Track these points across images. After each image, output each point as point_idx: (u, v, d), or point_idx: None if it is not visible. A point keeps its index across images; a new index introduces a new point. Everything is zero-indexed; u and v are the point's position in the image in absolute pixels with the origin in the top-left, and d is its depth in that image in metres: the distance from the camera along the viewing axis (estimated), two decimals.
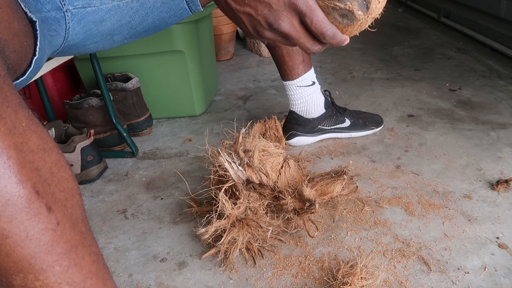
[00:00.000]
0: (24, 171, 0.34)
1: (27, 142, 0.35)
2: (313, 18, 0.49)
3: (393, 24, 2.57)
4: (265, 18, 0.49)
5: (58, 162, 0.38)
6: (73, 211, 0.38)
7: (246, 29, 0.52)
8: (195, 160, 1.21)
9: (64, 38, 0.57)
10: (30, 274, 0.35)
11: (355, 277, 0.70)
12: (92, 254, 0.40)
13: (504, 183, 0.94)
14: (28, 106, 0.37)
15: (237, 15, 0.50)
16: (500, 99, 1.40)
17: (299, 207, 0.86)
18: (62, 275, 0.37)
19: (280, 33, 0.50)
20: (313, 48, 0.53)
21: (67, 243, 0.37)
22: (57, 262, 0.36)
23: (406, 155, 1.13)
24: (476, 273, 0.74)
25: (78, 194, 0.40)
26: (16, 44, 0.42)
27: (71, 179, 0.39)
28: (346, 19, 0.51)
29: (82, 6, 0.56)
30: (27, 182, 0.34)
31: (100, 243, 0.91)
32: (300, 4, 0.48)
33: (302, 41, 0.51)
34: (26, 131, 0.35)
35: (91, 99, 1.24)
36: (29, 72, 0.48)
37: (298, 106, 1.19)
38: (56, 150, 0.38)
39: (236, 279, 0.78)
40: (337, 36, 0.51)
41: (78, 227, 0.38)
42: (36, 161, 0.35)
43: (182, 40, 1.34)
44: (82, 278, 0.38)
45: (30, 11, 0.46)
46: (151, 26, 0.65)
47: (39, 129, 0.37)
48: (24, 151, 0.34)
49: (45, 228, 0.35)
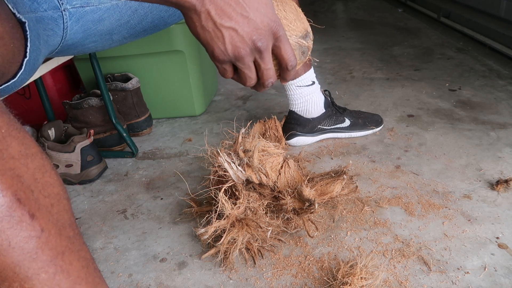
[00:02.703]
0: (4, 179, 0.33)
1: (6, 148, 0.34)
2: (286, 45, 0.52)
3: (393, 24, 2.57)
4: (249, 35, 0.49)
5: (42, 167, 0.38)
6: (60, 216, 0.38)
7: (223, 47, 0.50)
8: (195, 160, 1.21)
9: (62, 38, 0.56)
10: (15, 282, 0.35)
11: (355, 277, 0.70)
12: (81, 259, 0.39)
13: (504, 183, 0.94)
14: (9, 111, 0.37)
15: (218, 31, 0.49)
16: (500, 99, 1.40)
17: (299, 207, 0.86)
18: (49, 282, 0.36)
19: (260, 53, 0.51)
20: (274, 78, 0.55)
21: (52, 250, 0.36)
22: (42, 270, 0.36)
23: (406, 155, 1.13)
24: (476, 273, 0.74)
25: (65, 199, 0.39)
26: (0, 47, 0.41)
27: (57, 184, 0.39)
28: (303, 56, 0.59)
29: (81, 5, 0.56)
30: (7, 190, 0.33)
31: (100, 243, 0.91)
32: (280, 30, 0.51)
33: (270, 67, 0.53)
34: (6, 137, 0.35)
35: (91, 99, 1.24)
36: (21, 74, 0.47)
37: (298, 106, 1.19)
38: (40, 155, 0.38)
39: (236, 279, 0.78)
40: (295, 68, 0.55)
41: (65, 232, 0.38)
42: (18, 168, 0.35)
43: (182, 40, 1.34)
44: (70, 284, 0.38)
45: (21, 12, 0.45)
46: (151, 26, 0.64)
47: (20, 135, 0.36)
48: (4, 158, 0.34)
49: (29, 235, 0.35)
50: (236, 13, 0.48)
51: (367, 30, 2.47)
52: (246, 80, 0.54)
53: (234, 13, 0.48)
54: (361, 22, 2.69)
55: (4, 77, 0.45)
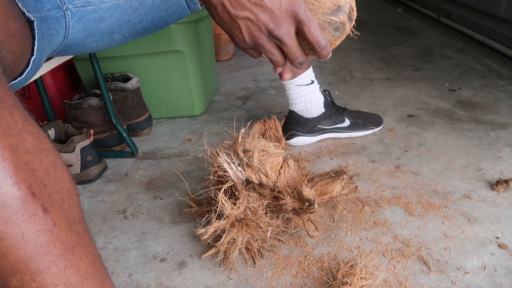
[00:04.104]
0: (20, 172, 0.34)
1: (22, 143, 0.35)
2: (311, 27, 0.52)
3: (393, 24, 2.57)
4: (265, 24, 0.49)
5: (55, 163, 0.38)
6: (70, 212, 0.38)
7: (241, 36, 0.52)
8: (194, 160, 1.21)
9: (64, 37, 0.57)
10: (27, 275, 0.35)
11: (355, 277, 0.70)
12: (90, 255, 0.39)
13: (504, 183, 0.94)
14: (24, 107, 0.37)
15: (234, 21, 0.51)
16: (500, 99, 1.40)
17: (299, 207, 0.86)
18: (59, 276, 0.36)
19: (279, 40, 0.52)
20: (302, 58, 0.55)
21: (63, 244, 0.36)
22: (53, 264, 0.36)
23: (406, 155, 1.13)
24: (476, 273, 0.74)
25: (75, 195, 0.40)
26: (12, 45, 0.42)
27: (68, 180, 0.39)
28: (338, 32, 0.56)
29: (82, 5, 0.56)
30: (23, 183, 0.34)
31: (100, 243, 0.91)
32: (301, 13, 0.50)
33: (294, 50, 0.53)
34: (22, 132, 0.35)
35: (91, 99, 1.24)
36: (27, 72, 0.48)
37: (297, 105, 1.19)
38: (53, 151, 0.38)
39: (236, 279, 0.78)
40: (328, 47, 0.55)
41: (75, 228, 0.38)
42: (32, 162, 0.35)
43: (182, 40, 1.34)
44: (79, 279, 0.38)
45: (28, 11, 0.46)
46: (151, 25, 0.65)
47: (35, 130, 0.37)
48: (19, 152, 0.34)
49: (41, 229, 0.35)
50: (250, 3, 0.48)
51: (367, 30, 2.47)
52: (273, 63, 0.55)
53: (248, 3, 0.48)
54: (361, 22, 2.69)
55: (13, 74, 0.46)
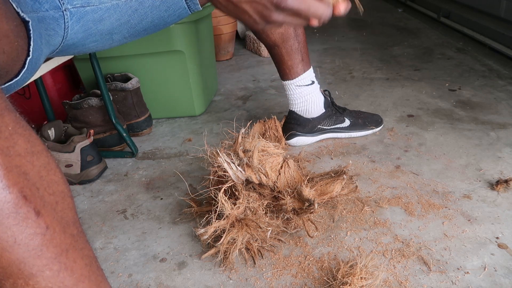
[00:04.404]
0: (11, 176, 0.33)
1: (13, 146, 0.35)
2: None
3: (393, 24, 2.57)
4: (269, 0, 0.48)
5: (48, 165, 0.38)
6: (64, 214, 0.38)
7: (252, 19, 0.51)
8: (194, 160, 1.21)
9: (62, 38, 0.57)
10: (20, 279, 0.35)
11: (355, 277, 0.70)
12: (85, 257, 0.39)
13: (504, 183, 0.94)
14: (15, 109, 0.37)
15: (239, 7, 0.50)
16: (499, 99, 1.40)
17: (299, 207, 0.86)
18: (53, 280, 0.36)
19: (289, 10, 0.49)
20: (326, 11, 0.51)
21: (57, 247, 0.36)
22: (47, 267, 0.36)
23: (406, 155, 1.13)
24: (475, 273, 0.74)
25: (69, 197, 0.40)
26: (5, 45, 0.42)
27: (62, 182, 0.39)
28: None
29: (81, 5, 0.56)
30: (14, 186, 0.33)
31: (100, 243, 0.91)
32: None
33: (313, 9, 0.50)
34: (13, 134, 0.35)
35: (91, 99, 1.23)
36: (24, 73, 0.47)
37: (297, 105, 1.19)
38: (45, 153, 0.38)
39: (236, 279, 0.78)
40: None
41: (69, 230, 0.38)
42: (24, 165, 0.35)
43: (182, 40, 1.34)
44: (74, 282, 0.38)
45: (24, 11, 0.45)
46: (151, 25, 0.65)
47: (26, 132, 0.36)
48: (10, 155, 0.34)
49: (34, 232, 0.35)
50: None
51: (367, 30, 2.47)
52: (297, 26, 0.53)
53: None
54: (361, 22, 2.69)
55: (8, 75, 0.46)
